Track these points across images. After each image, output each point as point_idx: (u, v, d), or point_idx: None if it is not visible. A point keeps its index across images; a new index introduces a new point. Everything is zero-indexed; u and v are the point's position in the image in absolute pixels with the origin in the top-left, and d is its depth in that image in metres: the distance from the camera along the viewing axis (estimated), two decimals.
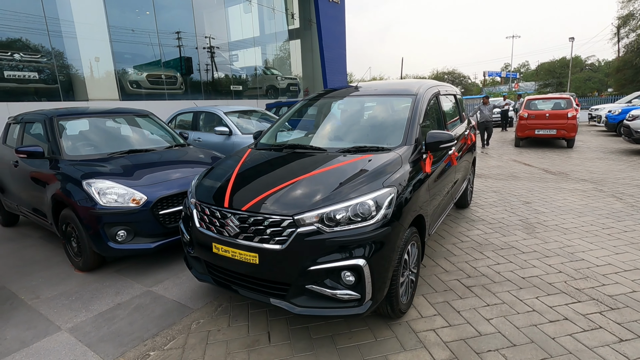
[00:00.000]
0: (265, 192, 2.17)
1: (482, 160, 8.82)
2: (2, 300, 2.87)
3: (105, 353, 2.20)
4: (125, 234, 3.10)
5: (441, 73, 63.69)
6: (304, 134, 3.35)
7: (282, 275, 2.05)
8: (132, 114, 4.57)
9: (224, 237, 2.18)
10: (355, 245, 1.96)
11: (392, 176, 2.23)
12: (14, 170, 4.01)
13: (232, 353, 2.17)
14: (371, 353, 2.12)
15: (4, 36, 6.41)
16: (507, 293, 2.72)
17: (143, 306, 2.72)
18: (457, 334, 2.26)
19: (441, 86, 3.75)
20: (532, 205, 4.90)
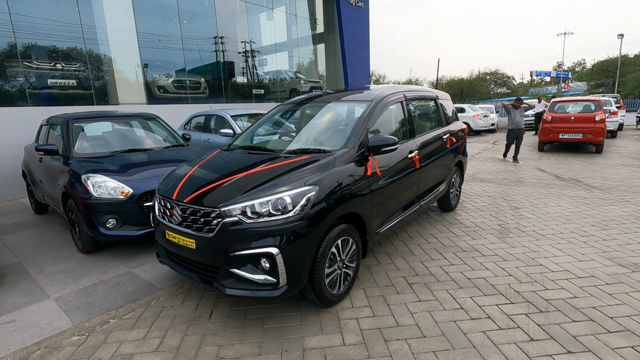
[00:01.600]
0: (205, 187, 2.50)
1: (493, 164, 8.59)
2: (14, 273, 3.45)
3: (75, 318, 2.64)
4: (114, 222, 3.58)
5: (483, 73, 61.02)
6: (270, 137, 3.65)
7: (212, 259, 2.36)
8: (140, 116, 5.13)
9: (172, 225, 2.54)
10: (272, 235, 2.22)
11: (318, 176, 2.45)
12: (39, 165, 4.69)
13: (174, 325, 2.51)
14: (290, 334, 2.37)
15: (50, 46, 7.34)
16: (444, 291, 2.83)
17: (120, 284, 3.16)
18: (376, 324, 2.44)
19: (410, 92, 3.87)
20: (520, 211, 4.82)
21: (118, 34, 8.44)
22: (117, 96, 8.55)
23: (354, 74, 14.54)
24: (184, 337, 2.37)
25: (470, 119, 16.58)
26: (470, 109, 17.54)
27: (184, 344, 2.30)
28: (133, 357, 2.19)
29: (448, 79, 48.15)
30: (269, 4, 12.39)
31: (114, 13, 8.41)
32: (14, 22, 6.73)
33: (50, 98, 7.42)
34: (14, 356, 2.23)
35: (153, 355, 2.20)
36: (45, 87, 7.34)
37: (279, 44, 13.47)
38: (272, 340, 2.31)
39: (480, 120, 16.91)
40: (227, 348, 2.25)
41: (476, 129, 16.87)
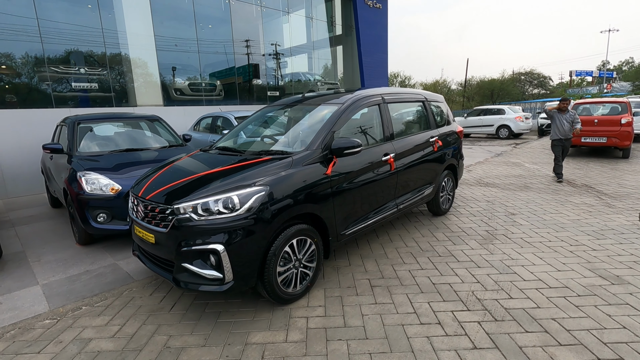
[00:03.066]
0: (167, 185, 2.64)
1: (505, 168, 8.27)
2: (16, 261, 3.78)
3: (53, 303, 2.86)
4: (104, 216, 3.83)
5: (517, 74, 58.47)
6: (243, 138, 3.77)
7: (168, 253, 2.49)
8: (142, 118, 5.43)
9: (138, 220, 2.71)
10: (219, 232, 2.32)
11: (269, 177, 2.53)
12: (50, 162, 5.09)
13: (137, 314, 2.67)
14: (239, 328, 2.45)
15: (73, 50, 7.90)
16: (403, 295, 2.82)
17: (103, 274, 3.38)
18: (324, 323, 2.48)
19: (391, 95, 3.85)
20: (514, 217, 4.65)
21: (137, 38, 8.92)
22: (135, 98, 9.03)
23: (370, 76, 14.47)
24: (141, 326, 2.52)
25: (511, 121, 15.34)
26: (510, 110, 15.95)
27: (139, 332, 2.45)
28: (90, 342, 2.36)
29: (478, 79, 46.50)
30: (285, 7, 12.60)
31: (133, 18, 8.89)
32: (41, 28, 7.30)
33: (73, 100, 7.97)
34: None
35: (108, 341, 2.36)
36: (69, 90, 7.90)
37: (297, 46, 13.67)
38: (220, 333, 2.40)
39: (522, 122, 15.43)
40: (176, 338, 2.37)
41: (517, 131, 15.44)
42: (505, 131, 15.59)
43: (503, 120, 15.57)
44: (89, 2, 8.01)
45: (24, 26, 7.13)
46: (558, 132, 6.88)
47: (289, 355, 2.17)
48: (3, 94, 7.12)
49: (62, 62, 7.75)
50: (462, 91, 46.32)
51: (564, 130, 6.81)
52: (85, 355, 2.22)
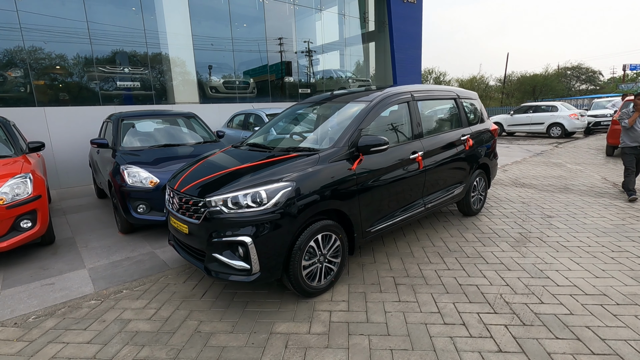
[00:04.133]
0: (200, 179, 2.79)
1: (545, 168, 7.86)
2: (66, 246, 4.13)
3: (98, 285, 3.12)
4: (144, 207, 4.09)
5: (562, 68, 54.93)
6: (273, 135, 3.86)
7: (199, 244, 2.64)
8: (179, 115, 5.71)
9: (173, 212, 2.88)
10: (247, 225, 2.43)
11: (297, 173, 2.60)
12: (97, 156, 5.48)
13: (171, 300, 2.85)
14: (265, 318, 2.55)
15: (118, 51, 8.43)
16: (427, 294, 2.80)
17: (142, 261, 3.63)
18: (347, 318, 2.52)
19: (421, 92, 3.79)
20: (551, 220, 4.44)
21: (176, 38, 9.34)
22: (173, 96, 9.48)
23: (403, 73, 14.22)
24: (174, 311, 2.69)
25: (564, 118, 14.20)
26: (564, 107, 14.70)
27: (172, 316, 2.62)
28: (130, 322, 2.55)
29: (518, 75, 44.21)
30: (318, 5, 12.65)
31: (172, 18, 9.32)
32: (90, 31, 7.84)
33: (118, 98, 8.50)
34: (45, 311, 2.73)
35: (145, 323, 2.54)
36: (114, 88, 8.43)
37: (329, 43, 13.69)
38: (247, 321, 2.52)
39: (578, 120, 14.23)
40: (206, 324, 2.51)
41: (572, 130, 14.28)
42: (558, 130, 14.34)
43: (555, 117, 14.35)
44: (133, 5, 8.49)
45: (75, 29, 7.69)
46: (630, 136, 5.39)
47: (311, 346, 2.23)
48: (57, 92, 7.74)
49: (108, 62, 8.28)
50: (501, 87, 44.26)
51: (636, 134, 5.30)
52: (125, 335, 2.41)
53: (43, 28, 7.31)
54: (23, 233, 3.56)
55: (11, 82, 7.17)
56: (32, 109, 7.12)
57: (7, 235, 3.47)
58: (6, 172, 3.71)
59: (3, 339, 2.41)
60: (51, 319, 2.63)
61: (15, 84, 7.20)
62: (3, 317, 2.66)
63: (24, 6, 7.02)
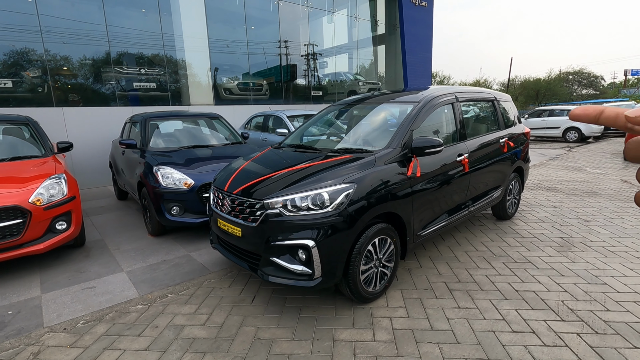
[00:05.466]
0: (253, 180, 2.71)
1: (566, 172, 7.80)
2: (97, 248, 4.04)
3: (141, 289, 3.03)
4: (178, 209, 4.00)
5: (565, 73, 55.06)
6: (317, 136, 3.78)
7: (255, 247, 2.55)
8: (204, 116, 5.64)
9: (223, 214, 2.80)
10: (309, 228, 2.35)
11: (356, 175, 2.52)
12: (122, 157, 5.40)
13: (221, 305, 2.76)
14: (323, 325, 2.47)
15: (136, 53, 8.37)
16: (486, 301, 2.72)
17: (179, 264, 3.54)
18: (409, 325, 2.44)
19: (463, 93, 3.74)
20: (589, 225, 4.36)
21: (192, 41, 9.30)
22: (189, 97, 9.41)
23: (414, 75, 14.19)
24: (227, 316, 2.60)
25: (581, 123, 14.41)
26: None
27: (227, 322, 2.53)
28: (184, 328, 2.46)
29: (522, 79, 44.30)
30: (330, 7, 12.63)
31: (189, 21, 9.28)
32: (109, 33, 7.79)
33: (135, 99, 8.43)
34: (92, 315, 2.64)
35: (200, 329, 2.45)
36: (131, 89, 8.36)
37: (339, 46, 13.66)
38: (306, 328, 2.43)
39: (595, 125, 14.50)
40: (264, 330, 2.42)
41: (589, 134, 14.33)
42: (575, 134, 14.31)
43: (572, 122, 14.32)
44: (151, 9, 8.45)
45: (93, 31, 7.63)
46: None
47: (381, 354, 2.15)
48: (76, 93, 7.66)
49: (125, 63, 8.22)
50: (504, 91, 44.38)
51: None
52: (182, 342, 2.32)
53: (62, 30, 7.25)
54: (59, 235, 3.47)
55: (30, 83, 7.10)
56: (51, 109, 7.05)
57: (43, 237, 3.38)
58: (40, 172, 3.63)
59: (55, 345, 2.32)
60: (101, 324, 2.54)
61: (34, 84, 7.13)
62: (50, 322, 2.57)
63: (43, 9, 6.96)
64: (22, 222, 3.20)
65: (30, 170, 3.67)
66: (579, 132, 14.15)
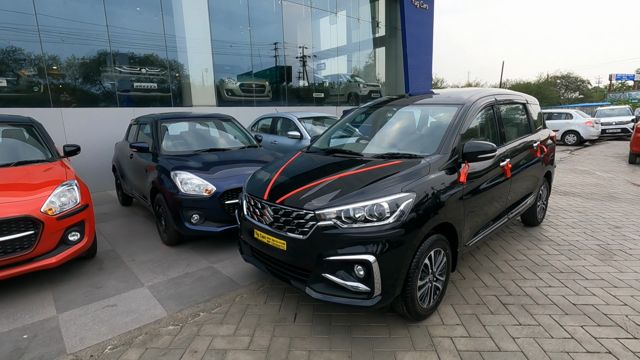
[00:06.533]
0: (298, 189, 2.49)
1: (576, 176, 7.77)
2: (110, 259, 3.75)
3: (169, 307, 2.77)
4: (198, 217, 3.74)
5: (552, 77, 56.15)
6: (351, 140, 3.58)
7: (303, 262, 2.33)
8: (217, 118, 5.38)
9: (262, 225, 2.56)
10: (368, 242, 2.14)
11: (414, 183, 2.33)
12: (130, 161, 5.10)
13: (261, 324, 2.53)
14: (381, 346, 2.26)
15: (135, 53, 8.04)
16: (547, 316, 2.55)
17: (204, 277, 3.28)
18: (474, 345, 2.25)
19: (501, 95, 3.59)
20: (621, 231, 4.26)
21: (195, 42, 9.01)
22: (191, 99, 9.11)
23: (415, 78, 14.11)
24: (272, 338, 2.36)
25: (580, 126, 14.27)
26: (579, 115, 14.77)
27: (273, 345, 2.29)
28: (227, 353, 2.22)
29: (513, 82, 44.98)
30: (333, 7, 12.48)
31: (192, 23, 9.00)
32: (109, 33, 7.46)
33: (136, 100, 8.10)
34: (120, 339, 2.38)
35: (245, 353, 2.21)
36: (132, 90, 8.03)
37: (340, 48, 13.51)
38: (362, 351, 2.22)
39: (593, 127, 14.33)
40: (317, 354, 2.20)
41: (587, 137, 14.27)
42: (573, 137, 14.42)
43: (570, 125, 14.38)
44: (154, 10, 8.15)
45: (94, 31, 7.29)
46: None
47: None
48: (74, 93, 7.30)
49: (127, 64, 7.89)
50: None
51: None
52: None
53: (61, 29, 6.90)
54: (72, 247, 3.18)
55: (26, 82, 6.72)
56: (48, 109, 6.68)
57: (56, 250, 3.09)
58: (50, 179, 3.33)
59: None
60: (131, 349, 2.28)
61: (31, 83, 6.75)
62: (74, 348, 2.29)
63: (41, 9, 6.60)
64: (33, 233, 2.91)
65: (39, 176, 3.38)
66: (578, 135, 14.28)
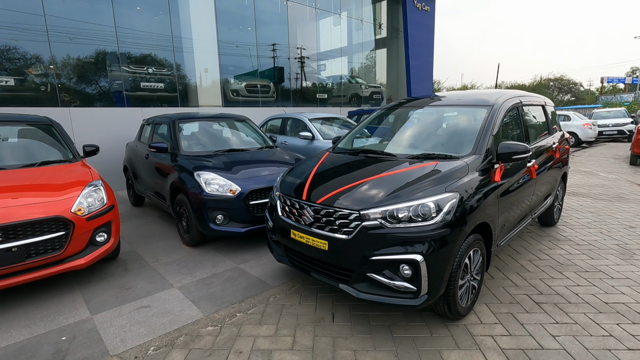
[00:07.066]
0: (338, 189, 2.50)
1: (581, 177, 7.89)
2: (133, 260, 3.72)
3: (204, 308, 2.76)
4: (222, 218, 3.73)
5: (545, 79, 56.93)
6: (379, 140, 3.60)
7: (347, 262, 2.34)
8: (232, 118, 5.36)
9: (301, 225, 2.57)
10: (415, 241, 2.16)
11: (456, 182, 2.36)
12: (145, 162, 5.06)
13: (301, 324, 2.53)
14: (425, 346, 2.28)
15: (143, 54, 7.99)
16: (582, 315, 2.59)
17: (232, 278, 3.27)
18: (516, 344, 2.27)
19: (524, 97, 3.65)
20: (636, 231, 4.33)
21: (202, 43, 9.01)
22: (197, 99, 9.07)
23: (417, 79, 14.23)
24: (314, 338, 2.37)
25: (578, 128, 14.35)
26: (577, 116, 14.89)
27: (317, 345, 2.30)
28: (272, 353, 2.22)
29: (508, 84, 45.50)
30: (337, 9, 12.51)
31: (199, 24, 8.99)
32: (118, 34, 7.40)
33: (144, 100, 8.04)
34: (161, 340, 2.36)
35: (291, 354, 2.22)
36: (139, 90, 7.97)
37: (342, 49, 13.56)
38: (408, 350, 2.23)
39: (591, 129, 14.49)
40: (363, 354, 2.21)
41: (585, 139, 14.43)
42: (571, 139, 14.50)
43: (569, 127, 14.42)
44: (162, 11, 8.11)
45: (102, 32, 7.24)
46: None
47: None
48: (82, 92, 7.23)
49: (136, 65, 7.85)
50: None
51: None
52: None
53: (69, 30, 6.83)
54: (99, 247, 3.15)
55: (34, 81, 6.64)
56: (56, 109, 6.60)
57: (85, 251, 3.06)
58: (76, 179, 3.30)
59: None
60: (174, 350, 2.27)
61: (38, 83, 6.67)
62: (116, 349, 2.28)
63: (50, 9, 6.53)
64: (64, 234, 2.88)
65: (64, 176, 3.34)
66: (576, 136, 14.48)
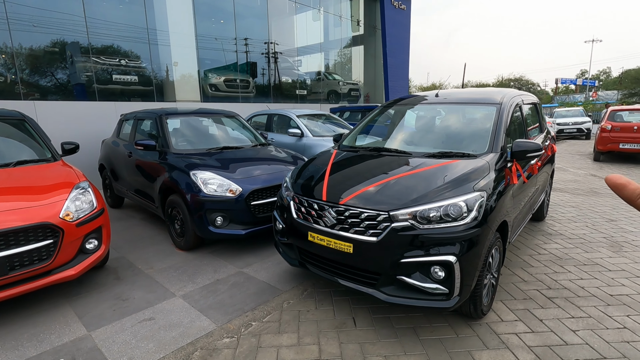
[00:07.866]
0: (362, 189, 2.40)
1: (556, 173, 8.30)
2: (124, 268, 3.43)
3: (215, 318, 2.57)
4: (222, 220, 3.52)
5: (507, 80, 59.96)
6: (386, 138, 3.53)
7: (374, 265, 2.25)
8: (222, 114, 5.11)
9: (321, 227, 2.45)
10: (447, 242, 2.11)
11: (481, 181, 2.33)
12: (128, 160, 4.69)
13: (323, 331, 2.42)
14: (454, 347, 2.24)
15: (115, 45, 7.45)
16: (593, 308, 2.67)
17: (239, 284, 3.09)
18: (541, 340, 2.29)
19: (523, 95, 3.72)
20: (617, 223, 4.59)
21: (179, 36, 8.56)
22: (174, 93, 8.62)
23: (394, 77, 14.38)
24: (340, 345, 2.27)
25: None
26: None
27: (345, 352, 2.20)
28: None
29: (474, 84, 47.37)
30: (316, 4, 12.35)
31: (176, 16, 8.55)
32: (88, 24, 6.84)
33: (116, 93, 7.51)
34: (175, 356, 2.17)
35: None
36: (112, 83, 7.44)
37: (321, 45, 13.44)
38: (438, 353, 2.19)
39: (551, 127, 14.84)
40: (394, 359, 2.13)
41: None
42: None
43: None
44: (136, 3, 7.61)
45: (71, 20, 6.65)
46: None
47: None
48: (48, 85, 6.62)
49: (107, 57, 7.31)
50: None
51: None
52: None
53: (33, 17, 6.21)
54: (90, 256, 2.86)
55: None
56: (19, 102, 5.99)
57: (74, 260, 2.76)
58: (60, 180, 2.98)
59: None
60: None
61: None
62: None
63: None
64: (52, 242, 2.58)
65: (46, 178, 3.01)
66: None
